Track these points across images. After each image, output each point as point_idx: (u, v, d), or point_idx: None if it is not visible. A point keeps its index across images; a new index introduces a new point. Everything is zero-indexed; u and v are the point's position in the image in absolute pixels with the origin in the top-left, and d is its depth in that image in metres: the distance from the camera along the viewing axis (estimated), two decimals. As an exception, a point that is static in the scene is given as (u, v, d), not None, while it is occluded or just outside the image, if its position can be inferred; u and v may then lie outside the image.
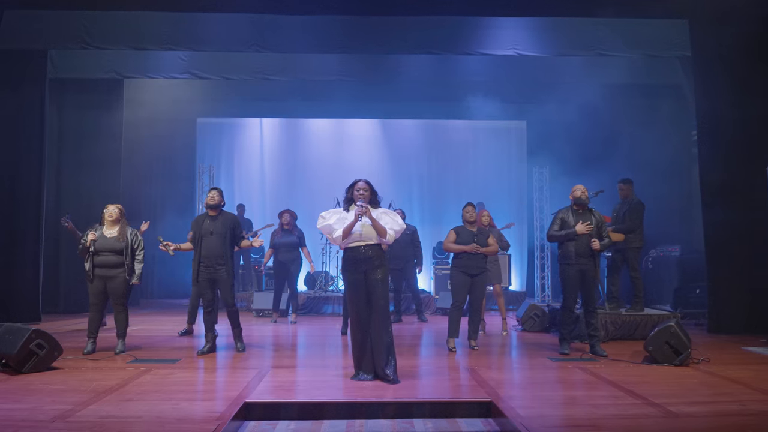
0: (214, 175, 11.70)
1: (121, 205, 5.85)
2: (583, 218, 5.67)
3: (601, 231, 5.69)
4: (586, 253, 5.58)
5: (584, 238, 5.59)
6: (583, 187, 5.78)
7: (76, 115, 9.36)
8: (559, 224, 5.74)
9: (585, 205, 5.75)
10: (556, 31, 8.23)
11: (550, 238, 5.83)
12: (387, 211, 4.72)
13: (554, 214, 5.96)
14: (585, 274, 5.60)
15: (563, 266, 5.68)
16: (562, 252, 5.69)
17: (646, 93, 10.11)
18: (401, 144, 12.16)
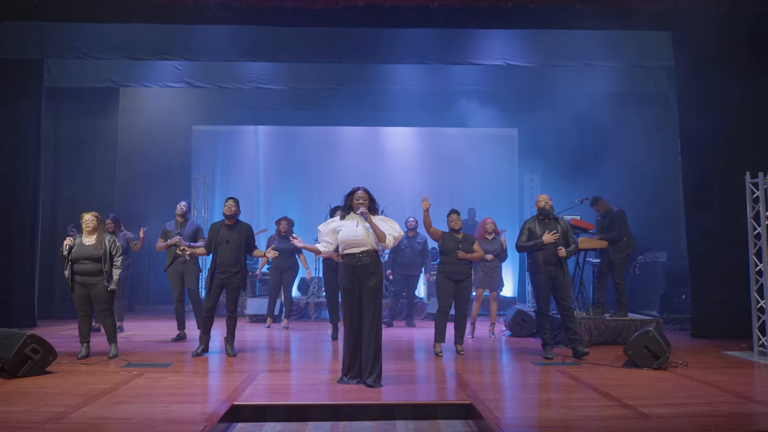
0: (209, 182, 11.87)
1: (118, 215, 6.02)
2: (549, 227, 5.85)
3: (567, 238, 5.86)
4: (554, 261, 5.77)
5: (551, 246, 5.77)
6: (546, 197, 5.99)
7: (72, 124, 9.48)
8: (527, 234, 5.91)
9: (550, 215, 5.92)
10: (545, 42, 8.39)
11: (519, 248, 6.02)
12: (385, 218, 4.86)
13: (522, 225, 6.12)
14: (555, 280, 5.78)
15: (533, 275, 5.87)
16: (531, 261, 5.88)
17: (634, 101, 10.28)
18: (394, 151, 12.31)
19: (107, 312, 5.70)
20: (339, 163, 12.03)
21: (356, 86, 9.91)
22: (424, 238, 8.45)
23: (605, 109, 10.19)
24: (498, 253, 7.42)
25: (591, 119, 10.32)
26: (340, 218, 4.86)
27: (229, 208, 6.01)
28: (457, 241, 6.12)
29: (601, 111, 10.21)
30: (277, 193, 12.17)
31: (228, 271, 5.86)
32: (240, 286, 5.95)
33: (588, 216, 7.79)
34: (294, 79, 9.57)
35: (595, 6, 6.53)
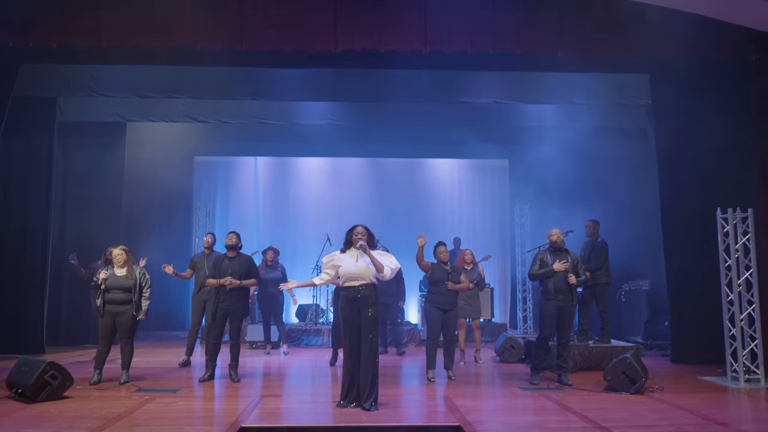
0: (210, 212, 12.23)
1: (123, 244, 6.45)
2: (559, 257, 6.25)
3: (577, 268, 6.27)
4: (564, 289, 6.15)
5: (561, 275, 6.16)
6: (558, 231, 6.41)
7: (81, 157, 9.87)
8: (539, 264, 6.33)
9: (561, 247, 6.34)
10: (531, 82, 8.88)
11: (531, 276, 6.44)
12: (382, 253, 5.28)
13: (534, 254, 6.53)
14: (562, 310, 6.15)
15: (543, 302, 6.24)
16: (543, 289, 6.27)
17: (617, 136, 10.76)
18: (389, 182, 12.72)
19: (128, 340, 6.10)
20: (335, 193, 12.47)
21: (352, 121, 10.37)
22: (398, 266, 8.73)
23: (590, 143, 10.68)
24: (477, 282, 7.82)
25: (578, 152, 10.80)
26: (340, 252, 5.26)
27: (230, 239, 6.46)
28: (446, 272, 6.53)
29: (587, 144, 10.71)
30: (275, 222, 12.55)
31: (230, 300, 6.25)
32: (243, 315, 6.40)
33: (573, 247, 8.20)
34: (293, 115, 10.04)
35: (575, 53, 7.00)
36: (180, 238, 11.87)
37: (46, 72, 8.45)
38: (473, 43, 6.82)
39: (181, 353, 7.74)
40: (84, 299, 9.07)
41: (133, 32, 6.61)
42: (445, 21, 6.77)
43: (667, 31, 6.93)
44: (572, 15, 6.84)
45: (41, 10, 6.55)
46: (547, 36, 6.87)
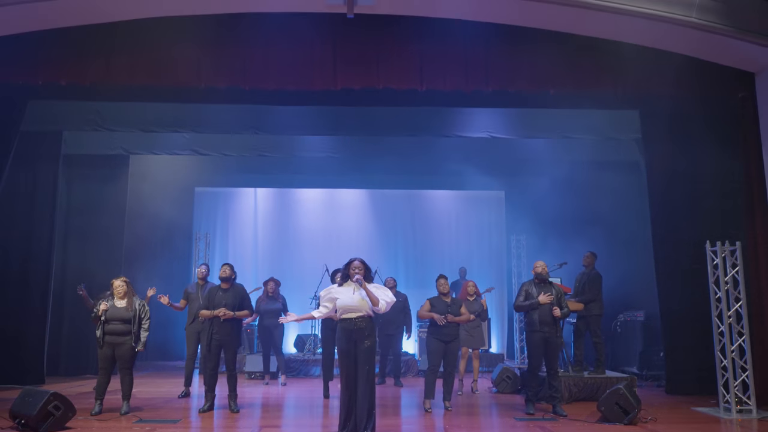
0: (210, 242, 12.38)
1: (124, 275, 6.60)
2: (544, 290, 6.40)
3: (561, 301, 6.41)
4: (549, 321, 6.29)
5: (546, 307, 6.30)
6: (543, 263, 6.56)
7: (84, 188, 10.04)
8: (524, 296, 6.47)
9: (546, 279, 6.49)
10: (525, 117, 9.12)
11: (516, 308, 6.58)
12: (378, 286, 5.41)
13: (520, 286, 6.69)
14: (548, 341, 6.29)
15: (528, 333, 6.39)
16: (528, 320, 6.41)
17: (611, 168, 10.97)
18: (387, 213, 12.88)
19: (128, 371, 6.20)
20: (334, 224, 12.62)
21: (351, 153, 10.60)
22: (404, 296, 8.77)
23: (585, 175, 10.92)
24: (479, 314, 7.95)
25: (573, 184, 11.03)
26: (338, 285, 5.40)
27: (224, 271, 6.64)
28: (447, 304, 6.66)
29: (582, 176, 10.94)
30: (274, 253, 12.65)
31: (224, 331, 6.37)
32: (236, 345, 6.53)
33: (567, 280, 8.36)
34: (293, 148, 10.27)
35: (567, 90, 7.25)
36: (180, 268, 11.98)
37: (52, 107, 8.66)
38: (468, 81, 7.06)
39: (179, 383, 7.82)
40: (84, 329, 9.14)
41: (140, 71, 6.85)
42: (440, 61, 7.02)
43: (656, 70, 7.19)
44: (563, 55, 7.08)
45: (52, 49, 6.78)
46: (539, 75, 7.12)
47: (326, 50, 7.10)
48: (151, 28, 6.82)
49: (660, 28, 6.50)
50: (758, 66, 6.87)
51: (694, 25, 6.39)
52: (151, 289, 7.88)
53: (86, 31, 6.75)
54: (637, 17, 6.38)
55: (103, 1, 6.22)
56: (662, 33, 6.61)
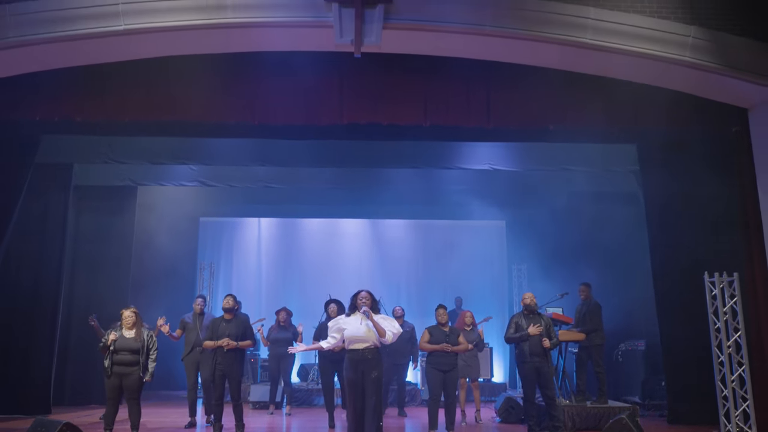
0: (215, 272, 12.51)
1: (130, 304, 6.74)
2: (533, 321, 6.56)
3: (550, 331, 6.55)
4: (539, 352, 6.42)
5: (536, 338, 6.44)
6: (531, 295, 6.74)
7: (93, 219, 10.20)
8: (514, 328, 6.61)
9: (534, 311, 6.64)
10: (525, 150, 9.36)
11: (507, 340, 6.72)
12: (386, 317, 5.55)
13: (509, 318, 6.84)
14: (540, 371, 6.41)
15: (520, 364, 6.51)
16: (518, 352, 6.54)
17: (611, 199, 11.10)
18: (390, 242, 13.03)
19: (136, 401, 6.28)
20: (337, 254, 12.75)
21: (354, 184, 10.81)
22: (411, 326, 8.88)
23: (585, 205, 11.08)
24: (476, 343, 8.05)
25: (572, 214, 11.20)
26: (345, 315, 5.53)
27: (228, 302, 6.81)
28: (445, 334, 6.78)
29: (582, 206, 11.10)
30: (278, 282, 12.77)
31: (228, 361, 6.49)
32: (240, 375, 6.62)
33: (568, 310, 8.48)
34: (298, 179, 10.49)
35: (565, 125, 7.46)
36: (185, 297, 12.00)
37: (65, 141, 8.87)
38: (470, 117, 7.27)
39: (184, 413, 7.89)
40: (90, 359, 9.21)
41: (152, 108, 7.05)
42: (443, 98, 7.23)
43: (651, 105, 7.39)
44: (562, 91, 7.30)
45: (67, 87, 6.98)
46: (539, 111, 7.33)
47: (333, 86, 7.32)
48: (164, 66, 7.03)
49: (655, 66, 6.74)
50: (751, 102, 7.09)
51: (688, 63, 6.63)
52: (161, 318, 7.98)
53: (101, 70, 6.96)
54: (632, 56, 6.61)
55: (117, 42, 6.42)
56: (657, 71, 6.84)
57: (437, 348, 6.64)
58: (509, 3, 6.49)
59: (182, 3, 6.23)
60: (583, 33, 6.50)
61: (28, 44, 6.18)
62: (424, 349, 6.83)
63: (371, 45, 6.47)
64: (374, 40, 6.40)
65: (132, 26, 6.22)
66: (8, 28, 6.06)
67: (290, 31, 6.52)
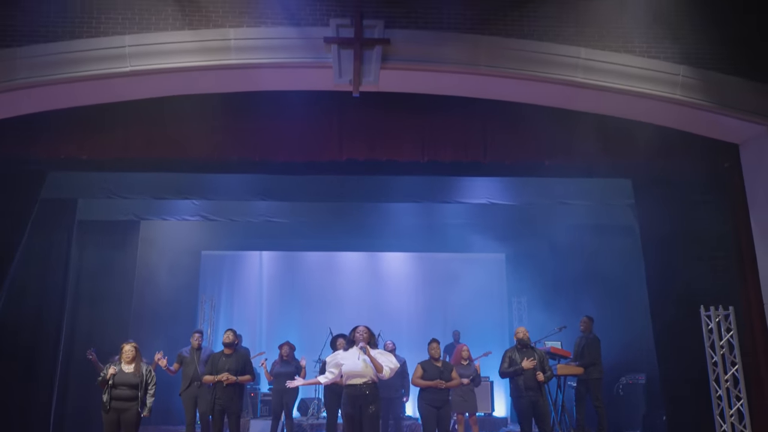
0: (215, 305, 12.54)
1: (131, 338, 6.80)
2: (527, 355, 6.60)
3: (544, 365, 6.59)
4: (533, 386, 6.47)
5: (530, 372, 6.48)
6: (524, 329, 6.86)
7: (96, 254, 10.28)
8: (508, 362, 6.67)
9: (527, 345, 6.70)
10: (523, 184, 9.48)
11: (501, 374, 6.77)
12: (383, 352, 5.63)
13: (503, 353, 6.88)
14: (535, 405, 6.44)
15: (515, 399, 6.54)
16: (513, 386, 6.58)
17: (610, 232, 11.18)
18: (390, 275, 13.08)
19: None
20: (338, 287, 12.77)
21: (356, 219, 10.93)
22: (402, 360, 8.80)
23: (584, 238, 11.15)
24: (473, 378, 8.03)
25: (571, 246, 11.26)
26: (343, 350, 5.59)
27: (228, 336, 6.88)
28: (438, 369, 6.80)
29: (580, 239, 11.17)
30: (279, 315, 12.78)
31: (227, 396, 6.52)
32: (239, 410, 6.63)
33: (567, 343, 8.50)
34: (299, 214, 10.62)
35: (561, 161, 7.61)
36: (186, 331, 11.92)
37: (69, 177, 9.02)
38: (467, 153, 7.41)
39: (184, 450, 7.85)
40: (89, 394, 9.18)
41: (155, 145, 7.19)
42: (441, 134, 7.37)
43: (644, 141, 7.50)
44: (556, 128, 7.41)
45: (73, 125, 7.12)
46: (534, 147, 7.46)
47: (332, 124, 7.47)
48: (167, 104, 7.20)
49: (646, 104, 6.90)
50: (741, 138, 7.24)
51: (678, 101, 6.80)
52: (159, 353, 8.03)
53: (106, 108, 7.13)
54: (623, 95, 6.79)
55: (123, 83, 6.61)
56: (648, 108, 7.00)
57: (431, 384, 6.67)
58: (503, 43, 6.70)
59: (187, 45, 6.44)
60: (575, 72, 6.69)
61: (37, 85, 6.37)
62: (417, 385, 6.84)
63: (369, 85, 6.66)
64: (372, 80, 6.60)
65: (138, 68, 6.43)
66: (19, 69, 6.27)
67: (291, 71, 6.72)
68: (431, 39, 6.62)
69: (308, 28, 6.57)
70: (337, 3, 6.68)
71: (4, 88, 6.28)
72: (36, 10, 6.40)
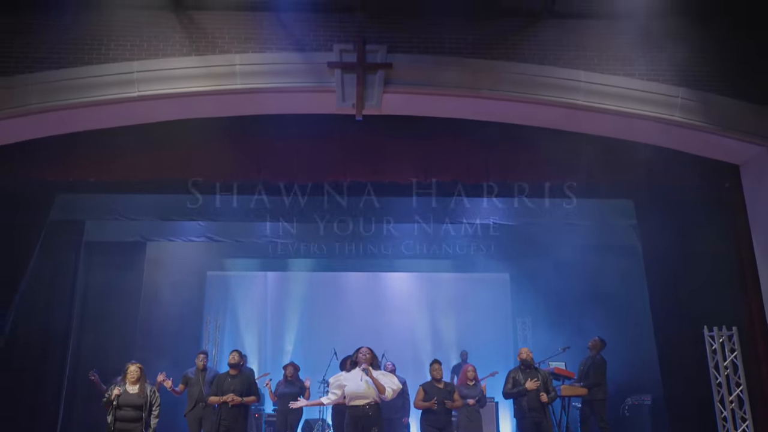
0: (220, 326, 12.56)
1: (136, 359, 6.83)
2: (530, 376, 6.61)
3: (548, 386, 6.59)
4: (537, 407, 6.47)
5: (534, 392, 6.47)
6: (527, 350, 6.86)
7: (103, 275, 10.35)
8: (511, 383, 6.67)
9: (531, 365, 6.70)
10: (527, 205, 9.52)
11: (505, 395, 6.77)
12: (385, 373, 5.66)
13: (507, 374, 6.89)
14: (539, 425, 6.45)
15: (519, 420, 6.54)
16: (517, 407, 6.59)
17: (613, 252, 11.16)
18: (393, 295, 13.10)
19: (138, 458, 6.28)
20: (342, 307, 12.79)
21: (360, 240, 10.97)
22: (403, 380, 8.73)
23: (588, 258, 11.13)
24: (478, 399, 8.02)
25: (576, 266, 11.24)
26: (346, 371, 5.63)
27: (233, 357, 6.94)
28: (440, 390, 6.81)
29: (584, 259, 11.15)
30: (284, 336, 12.80)
31: (232, 417, 6.55)
32: (244, 431, 6.62)
33: (571, 364, 8.49)
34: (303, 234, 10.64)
35: (563, 182, 7.68)
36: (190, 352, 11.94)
37: (77, 199, 9.14)
38: (470, 175, 7.52)
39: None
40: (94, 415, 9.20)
41: (162, 167, 7.31)
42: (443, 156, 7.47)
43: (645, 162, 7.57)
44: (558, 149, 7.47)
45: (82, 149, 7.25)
46: (536, 168, 7.55)
47: (335, 146, 7.57)
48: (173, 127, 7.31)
49: (646, 125, 6.98)
50: (741, 159, 7.29)
51: (678, 123, 6.87)
52: (161, 374, 8.04)
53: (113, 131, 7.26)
54: (623, 117, 6.87)
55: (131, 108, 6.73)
56: (648, 130, 7.07)
57: (428, 405, 6.66)
58: (504, 67, 6.82)
59: (194, 71, 6.59)
60: (575, 95, 6.79)
61: (48, 110, 6.50)
62: (419, 407, 6.83)
63: (372, 108, 6.77)
64: (375, 104, 6.71)
65: (146, 93, 6.57)
66: (31, 95, 6.41)
67: (295, 95, 6.84)
68: (433, 63, 6.75)
69: (312, 54, 6.71)
70: (341, 28, 6.82)
71: (17, 113, 6.42)
72: (49, 38, 6.57)
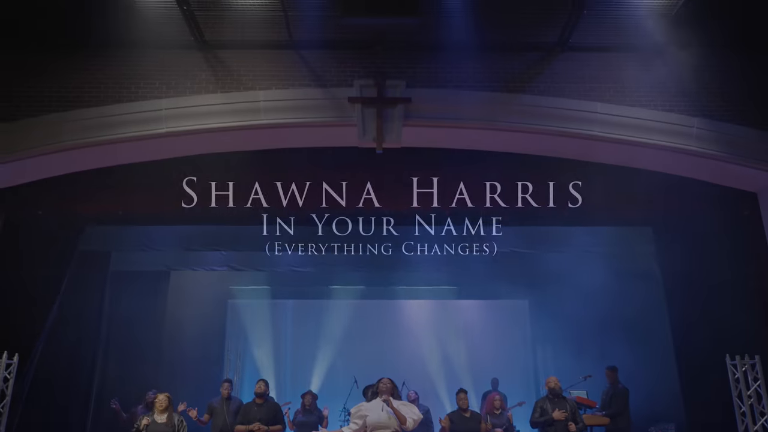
0: (241, 354, 12.67)
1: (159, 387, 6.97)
2: (558, 405, 6.61)
3: (576, 416, 6.58)
4: None
5: (561, 423, 6.47)
6: (555, 379, 6.82)
7: (128, 304, 10.51)
8: (539, 412, 6.66)
9: (559, 394, 6.70)
10: (546, 234, 9.62)
11: (532, 424, 6.75)
12: (405, 403, 5.71)
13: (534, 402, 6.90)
14: None
15: None
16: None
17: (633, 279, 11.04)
18: (414, 322, 13.10)
19: (166, 487, 6.38)
20: (363, 335, 12.80)
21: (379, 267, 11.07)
22: (426, 408, 8.85)
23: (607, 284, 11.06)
24: (506, 428, 8.00)
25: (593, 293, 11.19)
26: (367, 401, 5.69)
27: (260, 387, 7.04)
28: (466, 419, 6.84)
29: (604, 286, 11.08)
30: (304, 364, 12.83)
31: None
32: None
33: (594, 393, 8.45)
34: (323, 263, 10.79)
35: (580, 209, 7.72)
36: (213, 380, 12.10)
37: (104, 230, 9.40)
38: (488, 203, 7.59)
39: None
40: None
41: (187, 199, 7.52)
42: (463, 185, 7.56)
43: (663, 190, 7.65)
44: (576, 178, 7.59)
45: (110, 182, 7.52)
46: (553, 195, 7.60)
47: (358, 177, 7.73)
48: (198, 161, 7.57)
49: (662, 155, 7.06)
50: (757, 187, 7.32)
51: (694, 152, 6.95)
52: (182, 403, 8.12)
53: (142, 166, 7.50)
54: (639, 146, 6.96)
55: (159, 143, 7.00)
56: (664, 159, 7.15)
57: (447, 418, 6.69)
58: (520, 100, 6.98)
59: (219, 107, 6.83)
60: (591, 126, 6.91)
61: (81, 146, 6.79)
62: None
63: (392, 141, 6.94)
64: (395, 137, 6.89)
65: (173, 129, 6.82)
66: (65, 133, 6.71)
67: (317, 129, 7.05)
68: (451, 97, 6.92)
69: (333, 89, 6.93)
70: (361, 65, 7.04)
71: (52, 149, 6.72)
72: (83, 77, 6.89)
